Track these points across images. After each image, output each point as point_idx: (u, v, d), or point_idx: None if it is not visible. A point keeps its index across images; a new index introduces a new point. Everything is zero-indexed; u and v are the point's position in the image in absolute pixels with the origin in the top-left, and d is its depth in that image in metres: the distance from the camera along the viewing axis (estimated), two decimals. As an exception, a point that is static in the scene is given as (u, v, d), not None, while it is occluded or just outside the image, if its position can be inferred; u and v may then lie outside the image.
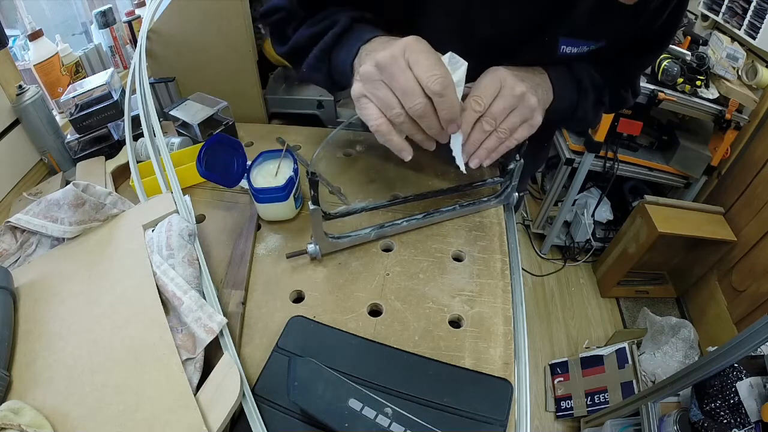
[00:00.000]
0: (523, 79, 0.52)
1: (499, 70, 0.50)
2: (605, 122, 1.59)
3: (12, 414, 0.38)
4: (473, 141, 0.51)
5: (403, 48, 0.44)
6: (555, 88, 0.57)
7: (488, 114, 0.49)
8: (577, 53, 0.56)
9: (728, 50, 1.51)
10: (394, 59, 0.44)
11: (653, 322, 1.55)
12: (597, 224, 1.99)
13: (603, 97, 0.63)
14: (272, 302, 0.54)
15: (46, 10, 1.07)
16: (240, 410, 0.42)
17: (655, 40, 0.60)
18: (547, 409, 1.58)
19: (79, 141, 0.76)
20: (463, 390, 0.45)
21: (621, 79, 0.65)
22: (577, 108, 0.61)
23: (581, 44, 0.56)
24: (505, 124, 0.50)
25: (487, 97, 0.49)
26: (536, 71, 0.56)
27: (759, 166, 1.56)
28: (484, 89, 0.49)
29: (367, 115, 0.48)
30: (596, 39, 0.56)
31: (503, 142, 0.51)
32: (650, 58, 0.64)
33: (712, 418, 1.02)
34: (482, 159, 0.51)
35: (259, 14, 0.64)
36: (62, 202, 0.55)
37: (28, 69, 0.87)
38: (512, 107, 0.50)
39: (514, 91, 0.49)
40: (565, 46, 0.55)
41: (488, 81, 0.50)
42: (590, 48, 0.56)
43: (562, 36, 0.54)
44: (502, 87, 0.49)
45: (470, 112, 0.49)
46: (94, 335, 0.45)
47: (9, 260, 0.56)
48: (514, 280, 0.57)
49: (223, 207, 0.67)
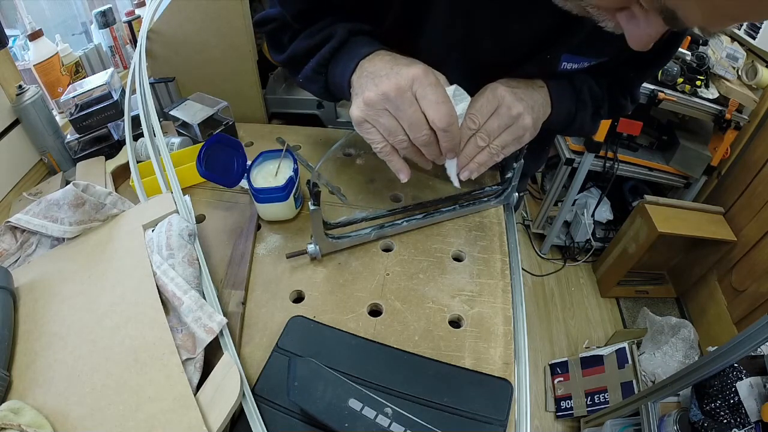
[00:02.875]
0: (522, 97, 0.52)
1: (499, 88, 0.51)
2: (605, 122, 1.59)
3: (12, 414, 0.38)
4: (466, 154, 0.52)
5: (411, 80, 0.45)
6: (554, 102, 0.57)
7: (483, 131, 0.51)
8: (577, 69, 0.56)
9: (728, 50, 1.51)
10: (401, 91, 0.45)
11: (653, 322, 1.55)
12: (597, 224, 1.99)
13: (601, 108, 0.63)
14: (272, 302, 0.54)
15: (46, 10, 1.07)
16: (240, 410, 0.42)
17: (657, 54, 0.59)
18: (547, 409, 1.58)
19: (79, 141, 0.76)
20: (463, 390, 0.45)
21: (620, 88, 0.65)
22: (574, 120, 0.61)
23: (582, 60, 0.55)
24: (497, 141, 0.51)
25: (483, 115, 0.50)
26: (536, 85, 0.56)
27: (759, 166, 1.56)
28: (481, 108, 0.50)
29: (371, 139, 0.49)
30: (598, 56, 0.55)
31: (493, 157, 0.52)
32: (652, 70, 0.64)
33: (712, 418, 1.02)
34: (472, 171, 0.53)
35: (253, 23, 0.63)
36: (62, 202, 0.55)
37: (28, 69, 0.87)
38: (507, 126, 0.51)
39: (511, 111, 0.50)
40: (567, 63, 0.55)
41: (486, 99, 0.51)
42: (591, 63, 0.56)
43: (565, 53, 0.54)
44: (499, 105, 0.50)
45: (465, 129, 0.51)
46: (94, 335, 0.45)
47: (9, 260, 0.56)
48: (514, 280, 0.58)
49: (223, 207, 0.67)
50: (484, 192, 0.66)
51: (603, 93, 0.62)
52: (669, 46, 0.59)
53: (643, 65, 0.62)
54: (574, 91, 0.59)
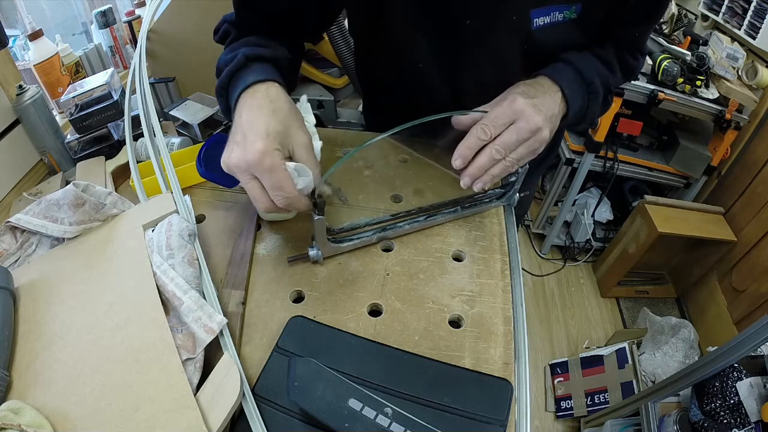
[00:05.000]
0: (540, 108, 0.51)
1: (518, 99, 0.50)
2: (605, 122, 1.59)
3: (12, 414, 0.38)
4: (480, 165, 0.51)
5: (248, 164, 0.46)
6: (569, 104, 0.56)
7: (500, 143, 0.50)
8: (551, 23, 0.54)
9: (728, 50, 1.51)
10: (241, 170, 0.46)
11: (653, 322, 1.55)
12: (597, 224, 1.99)
13: (610, 93, 0.62)
14: (272, 302, 0.54)
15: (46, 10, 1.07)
16: (240, 410, 0.42)
17: (647, 3, 0.57)
18: (547, 409, 1.58)
19: (79, 141, 0.76)
20: (463, 390, 0.45)
21: (628, 49, 0.62)
22: (586, 115, 0.60)
23: (553, 10, 0.53)
24: (513, 155, 0.51)
25: (497, 127, 0.50)
26: (551, 90, 0.55)
27: (759, 166, 1.56)
28: (495, 119, 0.50)
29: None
30: (567, 1, 0.54)
31: (508, 169, 0.52)
32: (652, 19, 0.60)
33: (712, 418, 1.02)
34: (486, 183, 0.52)
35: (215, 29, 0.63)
36: (62, 202, 0.55)
37: (28, 69, 0.87)
38: (525, 140, 0.50)
39: (530, 125, 0.50)
40: (538, 18, 0.53)
41: (503, 111, 0.50)
42: (564, 14, 0.54)
43: (532, 7, 0.53)
44: (518, 119, 0.50)
45: (474, 139, 0.50)
46: (94, 335, 0.45)
47: (9, 260, 0.56)
48: (514, 280, 0.57)
49: (223, 207, 0.67)
50: (487, 195, 0.66)
51: (612, 68, 0.60)
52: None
53: (642, 17, 0.59)
54: (585, 84, 0.58)
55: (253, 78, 0.51)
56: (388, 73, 0.70)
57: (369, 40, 0.68)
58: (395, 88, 0.72)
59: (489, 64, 0.62)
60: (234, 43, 0.58)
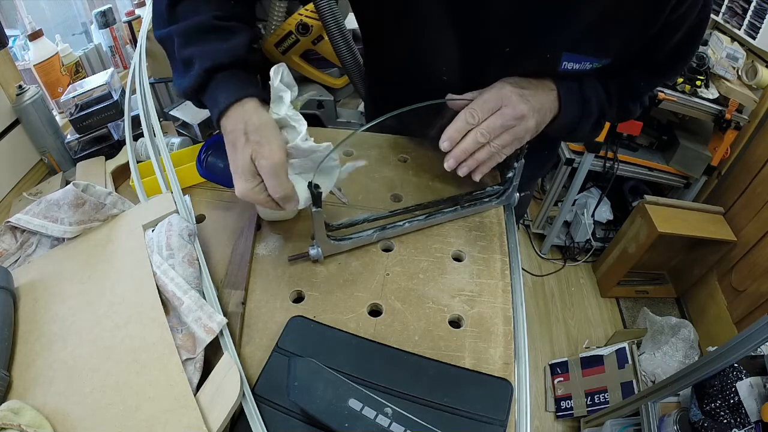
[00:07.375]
0: (529, 98, 0.52)
1: (506, 87, 0.51)
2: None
3: (12, 414, 0.38)
4: (464, 149, 0.52)
5: (240, 196, 0.49)
6: (562, 107, 0.56)
7: (484, 127, 0.51)
8: (579, 70, 0.54)
9: (728, 50, 1.51)
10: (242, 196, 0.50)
11: (653, 322, 1.55)
12: (597, 224, 1.99)
13: (603, 119, 0.62)
14: (272, 302, 0.54)
15: (46, 10, 1.07)
16: (240, 410, 0.42)
17: (668, 60, 0.57)
18: (547, 409, 1.58)
19: (79, 141, 0.76)
20: (463, 390, 0.45)
21: (630, 93, 0.62)
22: (577, 128, 0.60)
23: (584, 60, 0.54)
24: (498, 141, 0.52)
25: (483, 112, 0.51)
26: (546, 87, 0.55)
27: (759, 166, 1.56)
28: (483, 104, 0.51)
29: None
30: (600, 55, 0.54)
31: (493, 155, 0.52)
32: (662, 77, 0.61)
33: (712, 418, 1.02)
34: (471, 168, 0.53)
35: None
36: (62, 202, 0.55)
37: (28, 69, 0.87)
38: (510, 127, 0.51)
39: (515, 111, 0.50)
40: (567, 62, 0.54)
41: (490, 96, 0.51)
42: (594, 65, 0.54)
43: (565, 51, 0.53)
44: (504, 105, 0.51)
45: (462, 122, 0.51)
46: (94, 335, 0.45)
47: (9, 260, 0.56)
48: (514, 280, 0.57)
49: (223, 207, 0.67)
50: (486, 192, 0.66)
51: (611, 100, 0.61)
52: (680, 51, 0.57)
53: (653, 71, 0.60)
54: (583, 99, 0.58)
55: (239, 93, 0.49)
56: (407, 78, 0.69)
57: (394, 44, 0.66)
58: (409, 94, 0.71)
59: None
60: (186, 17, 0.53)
